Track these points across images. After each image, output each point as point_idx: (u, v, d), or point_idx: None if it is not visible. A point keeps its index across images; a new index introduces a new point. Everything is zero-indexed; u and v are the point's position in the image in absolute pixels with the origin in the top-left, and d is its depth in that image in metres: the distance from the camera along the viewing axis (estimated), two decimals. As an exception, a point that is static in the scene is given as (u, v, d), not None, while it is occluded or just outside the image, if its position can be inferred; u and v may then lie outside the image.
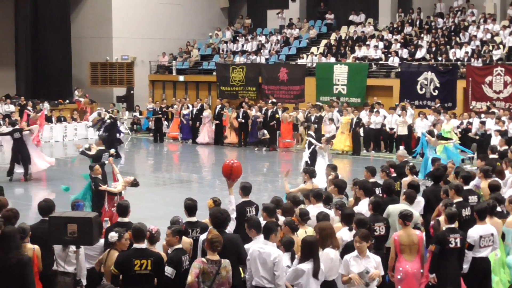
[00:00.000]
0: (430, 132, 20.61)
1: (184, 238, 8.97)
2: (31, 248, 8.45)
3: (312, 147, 18.71)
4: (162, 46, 39.27)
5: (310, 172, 12.71)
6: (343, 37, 36.09)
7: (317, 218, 9.49)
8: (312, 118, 26.78)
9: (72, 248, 8.43)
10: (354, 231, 9.18)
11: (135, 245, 8.18)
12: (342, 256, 8.93)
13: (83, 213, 8.52)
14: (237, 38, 39.91)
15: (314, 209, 10.26)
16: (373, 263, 8.40)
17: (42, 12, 38.10)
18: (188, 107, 30.85)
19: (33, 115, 26.76)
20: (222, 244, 8.06)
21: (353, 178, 12.92)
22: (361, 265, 8.32)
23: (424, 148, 19.82)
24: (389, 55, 32.31)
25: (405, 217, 9.40)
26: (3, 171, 21.46)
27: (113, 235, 8.56)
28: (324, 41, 36.55)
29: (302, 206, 10.45)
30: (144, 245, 8.21)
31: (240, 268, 8.82)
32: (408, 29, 34.98)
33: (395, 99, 29.56)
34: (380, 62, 32.48)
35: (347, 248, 8.94)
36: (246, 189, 10.57)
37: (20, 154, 20.93)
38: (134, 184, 14.08)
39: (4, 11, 38.47)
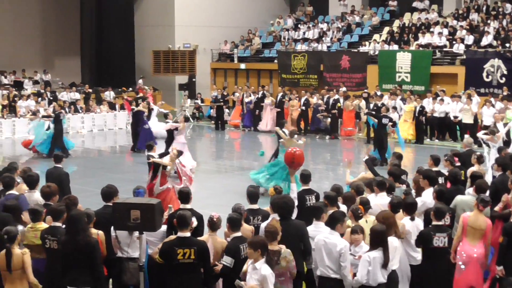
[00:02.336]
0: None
1: (245, 225, 8.99)
2: (95, 233, 8.58)
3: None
4: (224, 34, 39.40)
5: (373, 161, 12.59)
6: (406, 24, 35.58)
7: (404, 202, 9.35)
8: (371, 105, 26.52)
9: (136, 234, 8.53)
10: (416, 220, 9.09)
11: (179, 234, 8.08)
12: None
13: (146, 199, 8.60)
14: (299, 25, 39.75)
15: (377, 198, 10.16)
16: (257, 275, 7.65)
17: (106, 1, 38.71)
18: (250, 95, 30.92)
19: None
20: (280, 233, 8.05)
21: (417, 166, 12.70)
22: (251, 274, 7.78)
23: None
24: (454, 42, 31.70)
25: (483, 201, 9.25)
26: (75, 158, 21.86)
27: (194, 220, 8.51)
28: (386, 28, 36.11)
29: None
30: (188, 233, 8.10)
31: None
32: (474, 15, 34.24)
33: (460, 87, 29.04)
34: (445, 49, 31.91)
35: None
36: (305, 177, 10.54)
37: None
38: (178, 154, 14.66)
39: (69, 1, 39.19)
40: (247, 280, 7.74)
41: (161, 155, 14.82)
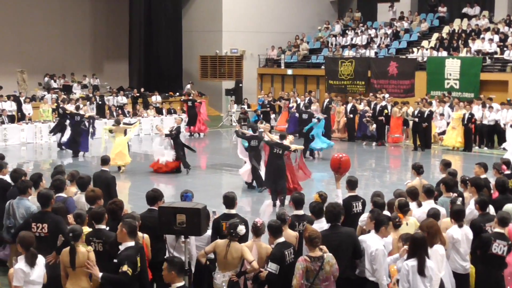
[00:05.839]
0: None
1: (289, 231, 9.00)
2: (141, 237, 8.63)
3: None
4: (271, 39, 39.43)
5: (416, 168, 12.42)
6: (456, 30, 35.17)
7: (427, 215, 9.25)
8: (416, 112, 26.25)
9: (182, 237, 8.55)
10: (464, 228, 8.95)
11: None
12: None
13: (192, 204, 8.61)
14: (347, 31, 39.59)
15: (424, 205, 10.02)
16: None
17: (155, 7, 39.11)
18: (296, 101, 30.88)
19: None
20: (337, 239, 8.03)
21: (464, 175, 12.48)
22: None
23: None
24: (505, 49, 31.21)
25: None
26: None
27: (242, 228, 8.54)
28: (435, 35, 35.73)
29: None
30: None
31: None
32: (525, 21, 33.70)
33: (510, 94, 28.60)
34: (495, 56, 31.43)
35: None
36: (352, 184, 10.46)
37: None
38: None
39: (119, 6, 39.71)
40: None
41: None
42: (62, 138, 25.67)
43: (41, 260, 8.11)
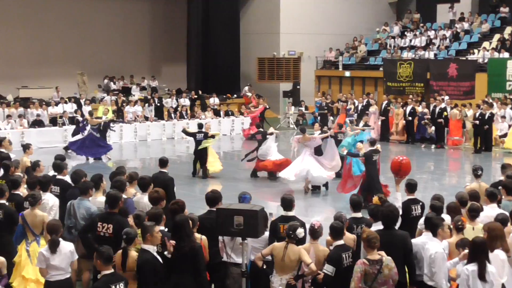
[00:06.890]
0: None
1: (347, 234, 8.94)
2: (199, 238, 8.66)
3: None
4: (329, 41, 39.30)
5: (476, 171, 12.21)
6: (518, 31, 34.51)
7: (495, 218, 9.05)
8: (477, 114, 25.80)
9: (239, 239, 8.56)
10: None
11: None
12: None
13: (250, 205, 8.61)
14: (405, 33, 39.18)
15: (486, 209, 9.84)
16: None
17: (213, 9, 39.38)
18: (354, 103, 30.70)
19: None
20: (389, 241, 7.93)
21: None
22: None
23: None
24: None
25: None
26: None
27: (301, 231, 8.52)
28: (497, 36, 35.08)
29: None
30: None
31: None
32: None
33: None
34: (559, 57, 30.74)
35: None
36: (411, 187, 10.36)
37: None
38: None
39: (177, 9, 40.11)
40: None
41: None
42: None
43: (66, 247, 8.35)
